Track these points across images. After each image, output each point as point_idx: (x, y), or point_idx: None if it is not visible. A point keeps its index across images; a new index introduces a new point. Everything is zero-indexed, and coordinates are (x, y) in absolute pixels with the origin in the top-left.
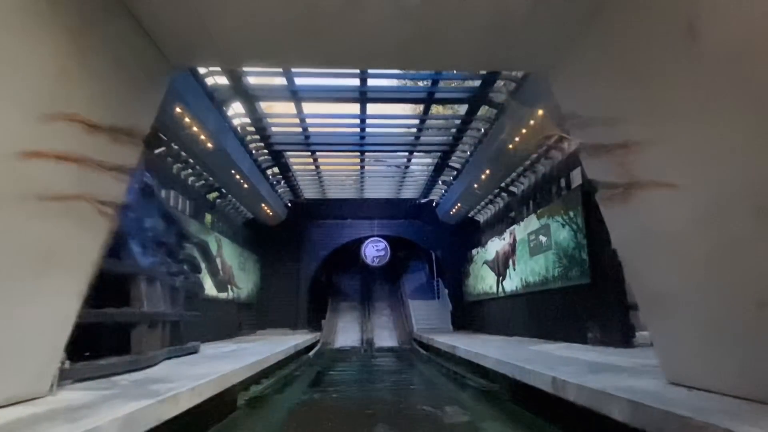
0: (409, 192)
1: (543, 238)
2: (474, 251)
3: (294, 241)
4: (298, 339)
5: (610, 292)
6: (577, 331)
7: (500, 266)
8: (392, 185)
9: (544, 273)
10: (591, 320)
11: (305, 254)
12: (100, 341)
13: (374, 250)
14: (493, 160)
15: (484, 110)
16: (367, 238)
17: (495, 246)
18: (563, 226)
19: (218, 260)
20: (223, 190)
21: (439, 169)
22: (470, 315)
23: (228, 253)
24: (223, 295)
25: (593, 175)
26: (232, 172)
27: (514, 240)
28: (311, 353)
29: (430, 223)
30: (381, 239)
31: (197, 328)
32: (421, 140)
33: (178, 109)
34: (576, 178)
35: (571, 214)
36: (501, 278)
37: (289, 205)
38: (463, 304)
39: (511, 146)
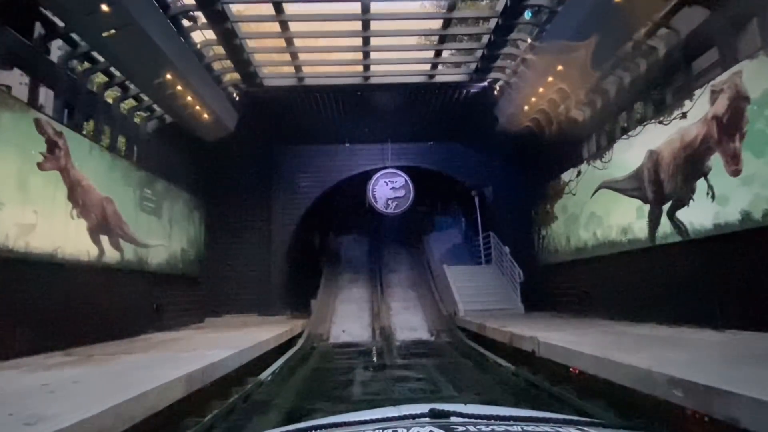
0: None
1: None
2: (568, 174)
3: (260, 178)
4: (244, 342)
5: None
6: None
7: (667, 182)
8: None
9: None
10: None
11: (279, 198)
12: None
13: (388, 190)
14: None
15: None
16: (376, 171)
17: (645, 143)
18: None
19: (49, 180)
20: (58, 22)
21: None
22: (552, 287)
23: (99, 173)
24: (86, 256)
25: None
26: None
27: (736, 100)
28: (270, 371)
29: (474, 144)
30: (398, 172)
31: None
32: None
33: None
34: None
35: None
36: (670, 206)
37: (237, 97)
38: (536, 269)
39: None
